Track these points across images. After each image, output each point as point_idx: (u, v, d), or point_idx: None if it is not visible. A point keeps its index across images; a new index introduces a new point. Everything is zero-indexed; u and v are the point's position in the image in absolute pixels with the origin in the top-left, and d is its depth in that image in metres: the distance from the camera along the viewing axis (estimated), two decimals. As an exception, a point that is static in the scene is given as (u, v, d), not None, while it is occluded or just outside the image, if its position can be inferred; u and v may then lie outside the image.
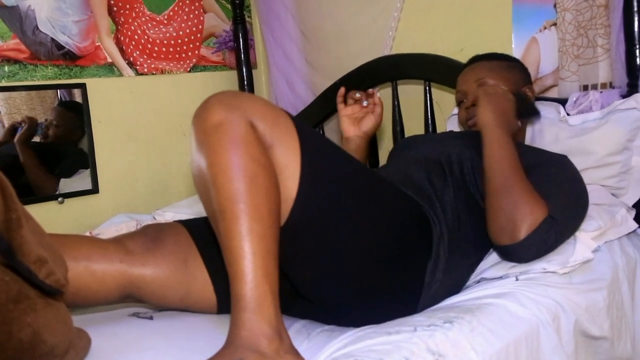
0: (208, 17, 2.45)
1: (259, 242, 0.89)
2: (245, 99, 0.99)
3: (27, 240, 0.74)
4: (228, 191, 0.91)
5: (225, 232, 0.91)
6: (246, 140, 0.93)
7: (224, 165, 0.92)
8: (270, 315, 0.88)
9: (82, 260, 1.08)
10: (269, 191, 0.93)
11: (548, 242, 1.20)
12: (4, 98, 1.91)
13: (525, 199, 1.20)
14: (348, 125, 1.67)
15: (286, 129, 1.00)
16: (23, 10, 1.94)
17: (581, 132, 1.63)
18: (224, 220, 0.91)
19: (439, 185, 1.31)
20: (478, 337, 1.02)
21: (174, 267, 1.16)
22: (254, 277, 0.88)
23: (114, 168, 2.17)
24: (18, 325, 0.75)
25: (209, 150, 0.93)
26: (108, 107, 2.15)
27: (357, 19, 2.25)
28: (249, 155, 0.92)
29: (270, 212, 0.93)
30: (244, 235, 0.89)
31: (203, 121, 0.96)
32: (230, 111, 0.94)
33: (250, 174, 0.91)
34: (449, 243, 1.22)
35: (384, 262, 1.14)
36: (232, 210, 0.90)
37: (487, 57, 1.64)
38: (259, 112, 0.97)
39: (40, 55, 1.98)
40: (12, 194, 0.75)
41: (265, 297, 0.88)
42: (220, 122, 0.94)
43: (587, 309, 1.22)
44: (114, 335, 1.07)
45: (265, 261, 0.89)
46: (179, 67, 2.35)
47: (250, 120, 0.95)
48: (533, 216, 1.18)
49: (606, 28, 1.67)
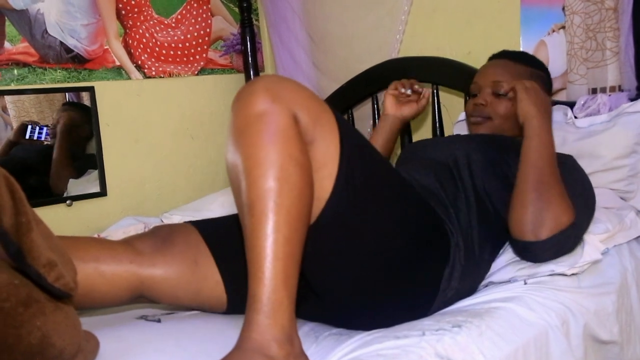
0: (216, 20, 2.45)
1: (284, 245, 0.88)
2: (291, 88, 0.96)
3: (36, 243, 0.74)
4: (260, 188, 0.89)
5: (251, 229, 0.89)
6: (287, 135, 0.91)
7: (261, 160, 0.89)
8: (284, 320, 0.87)
9: (92, 262, 1.08)
10: (302, 192, 0.91)
11: (567, 246, 1.22)
12: (13, 101, 1.92)
13: (559, 201, 1.20)
14: (391, 104, 1.75)
15: (328, 126, 0.98)
16: (32, 14, 1.95)
17: (589, 135, 1.63)
18: (252, 216, 0.89)
19: (450, 190, 1.30)
20: (487, 342, 1.02)
21: (185, 267, 1.16)
22: (273, 281, 0.87)
23: (122, 171, 2.18)
24: (27, 329, 0.75)
25: (247, 140, 0.91)
26: (116, 110, 2.16)
27: (365, 22, 2.25)
28: (287, 153, 0.90)
29: (300, 215, 0.91)
30: (269, 235, 0.87)
31: (245, 108, 0.93)
32: (275, 101, 0.92)
33: (285, 173, 0.89)
34: (465, 250, 1.22)
35: (403, 267, 1.13)
36: (262, 207, 0.88)
37: (514, 56, 1.61)
38: (304, 105, 0.95)
39: (49, 58, 1.99)
40: (22, 198, 0.76)
41: (282, 302, 0.87)
42: (264, 112, 0.91)
43: (596, 313, 1.22)
44: (122, 338, 1.07)
45: (287, 265, 0.88)
46: (186, 70, 2.35)
47: (294, 112, 0.93)
48: (561, 219, 1.18)
49: (615, 31, 1.66)
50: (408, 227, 1.13)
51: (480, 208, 1.30)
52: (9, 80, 1.91)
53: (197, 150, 2.39)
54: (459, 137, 1.56)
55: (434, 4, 2.12)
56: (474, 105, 1.58)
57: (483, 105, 1.54)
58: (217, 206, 1.95)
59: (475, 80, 1.61)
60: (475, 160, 1.36)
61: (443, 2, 2.10)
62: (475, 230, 1.26)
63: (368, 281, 1.11)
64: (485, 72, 1.60)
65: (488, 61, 1.65)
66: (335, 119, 1.00)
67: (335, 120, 1.00)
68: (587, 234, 1.31)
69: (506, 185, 1.31)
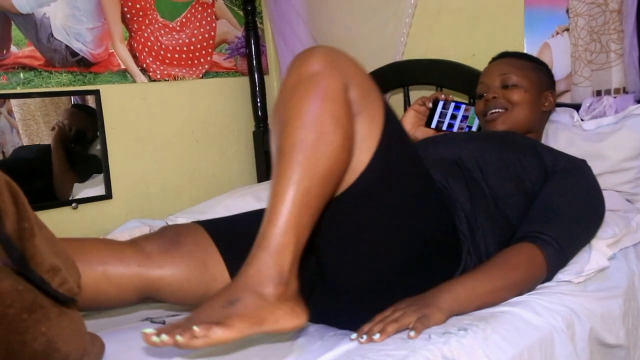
0: (220, 23, 2.46)
1: (303, 195, 0.91)
2: (349, 62, 1.00)
3: (40, 249, 0.74)
4: (294, 137, 0.92)
5: (276, 174, 0.92)
6: (334, 97, 0.94)
7: (303, 112, 0.93)
8: (284, 262, 0.89)
9: (99, 265, 1.08)
10: (337, 152, 0.94)
11: (560, 266, 1.22)
12: (18, 104, 1.93)
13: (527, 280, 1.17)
14: (411, 120, 1.73)
15: (376, 104, 1.01)
16: (38, 18, 1.96)
17: (595, 137, 1.62)
18: (280, 163, 0.92)
19: (458, 190, 1.29)
20: (492, 345, 1.02)
21: (193, 268, 1.15)
22: (284, 224, 0.89)
23: (127, 174, 2.18)
24: (32, 335, 0.75)
25: (296, 94, 0.94)
26: (121, 113, 2.16)
27: (369, 24, 2.25)
28: (330, 112, 0.93)
29: (329, 172, 0.93)
30: (292, 184, 0.90)
31: (300, 67, 0.97)
32: (331, 66, 0.95)
33: (323, 129, 0.92)
34: (474, 252, 1.22)
35: (416, 264, 1.13)
36: (291, 156, 0.91)
37: (515, 54, 1.64)
38: (356, 78, 0.98)
39: (55, 62, 2.00)
40: (24, 203, 0.76)
41: (287, 245, 0.90)
42: (318, 72, 0.95)
43: (602, 317, 1.21)
44: (127, 340, 1.08)
45: (301, 214, 0.91)
46: (191, 74, 2.36)
47: (346, 81, 0.96)
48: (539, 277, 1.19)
49: (619, 33, 1.66)
50: (427, 223, 1.14)
51: (490, 211, 1.28)
52: (15, 83, 1.92)
53: (201, 152, 2.39)
54: (470, 135, 1.55)
55: (438, 6, 2.12)
56: (486, 102, 1.57)
57: (495, 99, 1.54)
58: (222, 209, 1.95)
59: (482, 81, 1.62)
60: (489, 161, 1.34)
61: (447, 5, 2.10)
62: (486, 232, 1.25)
63: (379, 267, 1.11)
64: (490, 71, 1.62)
65: (489, 63, 1.65)
66: (382, 100, 1.03)
67: (382, 101, 1.03)
68: (594, 239, 1.30)
69: (520, 188, 1.30)
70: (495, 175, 1.32)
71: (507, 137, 1.44)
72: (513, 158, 1.34)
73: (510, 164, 1.33)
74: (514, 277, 1.15)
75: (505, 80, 1.55)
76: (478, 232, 1.24)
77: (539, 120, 1.60)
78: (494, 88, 1.56)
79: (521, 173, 1.32)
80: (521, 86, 1.53)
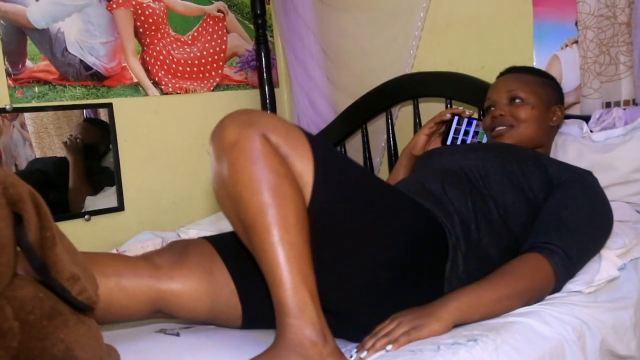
0: (231, 37, 2.49)
1: (290, 250, 0.94)
2: (257, 115, 1.03)
3: (61, 258, 0.76)
4: (255, 205, 0.95)
5: (258, 245, 0.96)
6: (263, 153, 0.97)
7: (247, 181, 0.96)
8: (313, 318, 0.93)
9: (113, 276, 1.11)
10: (293, 198, 0.98)
11: (569, 277, 1.22)
12: (32, 117, 1.96)
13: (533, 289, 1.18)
14: (423, 144, 1.75)
15: (299, 141, 1.04)
16: (53, 33, 1.99)
17: (605, 148, 1.63)
18: (255, 233, 0.96)
19: (454, 195, 1.29)
20: (502, 356, 1.01)
21: (201, 278, 1.18)
22: (291, 283, 0.93)
23: (139, 186, 2.20)
24: (51, 341, 0.77)
25: (229, 167, 0.98)
26: (134, 126, 2.19)
27: (378, 37, 2.27)
28: (269, 168, 0.96)
29: (298, 219, 0.97)
30: (276, 245, 0.94)
31: (220, 140, 1.00)
32: (245, 128, 0.99)
33: (272, 185, 0.96)
34: (466, 252, 1.21)
35: (398, 270, 1.14)
36: (262, 222, 0.95)
37: (523, 69, 1.64)
38: (271, 126, 1.01)
39: (69, 76, 2.03)
40: (46, 213, 0.78)
41: (306, 301, 0.93)
42: (237, 139, 0.98)
43: (613, 328, 1.21)
44: (141, 351, 1.09)
45: (300, 266, 0.94)
46: (202, 87, 2.39)
47: (264, 133, 0.99)
48: (547, 287, 1.19)
49: (628, 45, 1.67)
50: (396, 228, 1.15)
51: (490, 216, 1.29)
52: (30, 97, 1.95)
53: (212, 165, 2.41)
54: (475, 146, 1.56)
55: (447, 19, 2.13)
56: (492, 118, 1.58)
57: (502, 117, 1.55)
58: (232, 220, 1.96)
59: (489, 96, 1.62)
60: (491, 170, 1.35)
61: (456, 18, 2.12)
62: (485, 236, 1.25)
63: (361, 285, 1.13)
64: (498, 86, 1.62)
65: (497, 79, 1.66)
66: (304, 134, 1.06)
67: (304, 135, 1.05)
68: (604, 250, 1.30)
69: (521, 197, 1.31)
70: (497, 183, 1.33)
71: (511, 147, 1.46)
72: (515, 168, 1.36)
73: (513, 173, 1.35)
74: (520, 285, 1.15)
75: (512, 96, 1.55)
76: (475, 234, 1.25)
77: (547, 136, 1.59)
78: (501, 105, 1.57)
79: (523, 183, 1.33)
80: (528, 102, 1.53)
